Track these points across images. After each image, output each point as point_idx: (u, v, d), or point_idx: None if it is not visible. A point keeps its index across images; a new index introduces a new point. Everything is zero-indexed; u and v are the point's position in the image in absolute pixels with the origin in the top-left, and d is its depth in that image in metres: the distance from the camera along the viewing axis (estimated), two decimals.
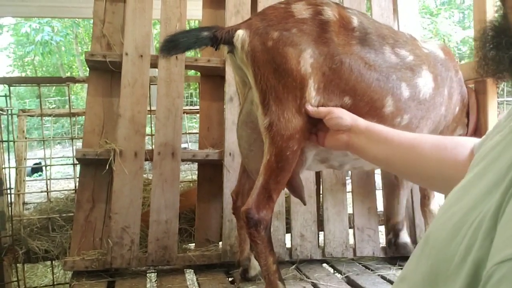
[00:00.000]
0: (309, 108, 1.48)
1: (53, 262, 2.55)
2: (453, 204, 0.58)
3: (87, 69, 2.26)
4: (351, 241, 2.28)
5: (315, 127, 1.50)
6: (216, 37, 1.52)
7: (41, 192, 3.20)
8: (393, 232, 2.17)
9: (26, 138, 3.48)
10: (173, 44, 1.53)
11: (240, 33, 1.51)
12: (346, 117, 1.35)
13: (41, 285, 2.92)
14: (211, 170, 2.29)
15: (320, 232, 2.30)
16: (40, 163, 7.02)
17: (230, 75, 2.21)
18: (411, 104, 1.68)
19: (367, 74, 1.56)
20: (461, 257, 0.50)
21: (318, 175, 2.33)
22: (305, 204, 1.81)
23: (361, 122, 1.32)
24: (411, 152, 1.09)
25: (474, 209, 0.52)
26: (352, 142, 1.31)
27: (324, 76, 1.50)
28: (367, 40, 1.60)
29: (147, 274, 2.05)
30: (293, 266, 2.09)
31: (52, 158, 3.21)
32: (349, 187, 2.33)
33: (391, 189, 2.29)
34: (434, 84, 1.76)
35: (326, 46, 1.51)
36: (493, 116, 2.07)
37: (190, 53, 2.12)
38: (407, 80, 1.67)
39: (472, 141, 0.98)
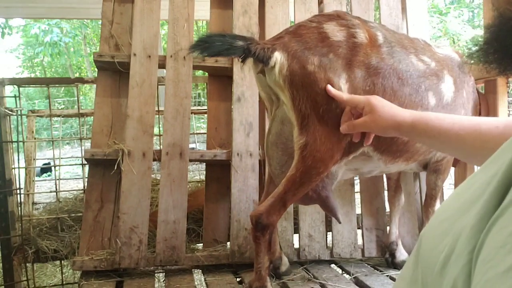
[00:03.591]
0: (344, 95, 1.42)
1: (62, 261, 2.57)
2: (447, 208, 0.56)
3: (96, 69, 2.27)
4: (360, 241, 2.27)
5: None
6: (249, 50, 1.45)
7: (50, 192, 3.23)
8: (389, 252, 2.15)
9: (35, 138, 3.50)
10: (207, 46, 1.45)
11: (278, 57, 1.46)
12: (387, 118, 1.26)
13: (50, 284, 2.95)
14: (219, 170, 2.29)
15: (328, 233, 2.29)
16: (49, 163, 7.07)
17: (237, 75, 2.21)
18: (436, 110, 1.68)
19: (399, 90, 1.56)
20: (440, 266, 0.48)
21: None
22: (340, 222, 1.76)
23: (405, 119, 1.22)
24: (472, 140, 1.03)
25: (458, 220, 0.50)
26: (401, 135, 1.29)
27: None
28: (394, 53, 1.60)
29: (155, 274, 2.05)
30: (301, 267, 2.08)
31: (61, 158, 3.22)
32: (357, 188, 2.32)
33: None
34: (454, 87, 1.77)
35: (358, 69, 1.51)
36: (503, 116, 2.06)
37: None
38: (433, 87, 1.67)
39: None
